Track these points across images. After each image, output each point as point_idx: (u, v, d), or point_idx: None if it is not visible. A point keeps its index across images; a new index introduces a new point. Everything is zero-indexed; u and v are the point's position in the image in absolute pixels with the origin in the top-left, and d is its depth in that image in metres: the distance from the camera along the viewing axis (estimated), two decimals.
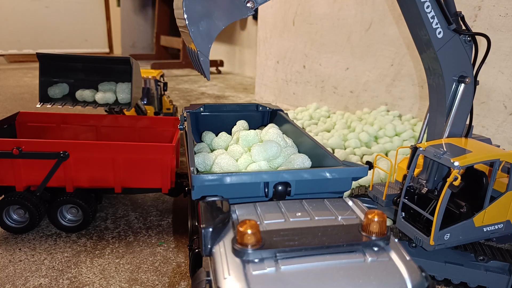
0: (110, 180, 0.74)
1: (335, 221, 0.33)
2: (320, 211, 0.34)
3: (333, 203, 0.36)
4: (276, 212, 0.34)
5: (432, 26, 0.63)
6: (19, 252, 0.70)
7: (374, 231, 0.30)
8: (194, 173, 0.38)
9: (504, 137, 1.12)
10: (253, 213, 0.34)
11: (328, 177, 0.40)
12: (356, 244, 0.29)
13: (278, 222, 0.32)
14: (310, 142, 0.62)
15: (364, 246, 0.29)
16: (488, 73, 1.12)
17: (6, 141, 0.70)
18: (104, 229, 0.78)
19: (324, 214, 0.34)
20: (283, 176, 0.39)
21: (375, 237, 0.30)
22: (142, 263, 0.68)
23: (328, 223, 0.33)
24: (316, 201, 0.36)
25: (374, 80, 1.49)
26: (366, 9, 1.46)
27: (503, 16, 1.08)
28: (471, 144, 0.65)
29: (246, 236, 0.28)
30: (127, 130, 0.92)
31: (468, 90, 0.69)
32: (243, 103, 0.82)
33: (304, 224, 0.32)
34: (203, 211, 0.32)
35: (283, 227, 0.31)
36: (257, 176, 0.39)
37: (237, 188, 0.39)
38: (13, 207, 0.74)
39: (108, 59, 0.85)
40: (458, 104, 0.68)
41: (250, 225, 0.28)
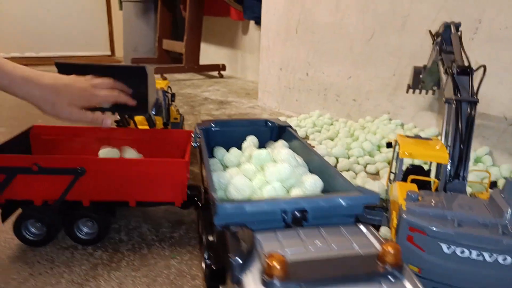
0: (125, 194, 0.77)
1: (353, 250, 0.36)
2: (337, 240, 0.37)
3: (349, 231, 0.39)
4: (296, 241, 0.37)
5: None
6: (38, 265, 0.72)
7: (390, 261, 0.33)
8: (217, 202, 0.40)
9: (505, 148, 1.15)
10: (275, 243, 0.36)
11: (342, 204, 0.43)
12: (374, 275, 0.32)
13: (299, 252, 0.35)
14: (319, 160, 0.64)
15: (382, 276, 0.32)
16: (489, 84, 1.14)
17: (25, 157, 0.72)
18: (118, 241, 0.81)
19: (342, 243, 0.37)
20: (301, 204, 0.42)
21: (391, 268, 0.32)
22: (158, 276, 0.70)
23: (346, 252, 0.35)
24: (332, 229, 0.39)
25: (376, 89, 1.52)
26: (368, 19, 1.49)
27: (503, 29, 1.11)
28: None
29: (274, 269, 0.30)
30: (139, 143, 0.95)
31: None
32: (252, 119, 0.85)
33: (324, 254, 0.35)
34: (231, 241, 0.35)
35: (305, 257, 0.34)
36: (277, 204, 0.41)
37: (258, 215, 0.42)
38: (31, 220, 0.76)
39: (124, 67, 0.87)
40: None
41: (278, 259, 0.30)
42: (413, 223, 0.53)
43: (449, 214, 0.54)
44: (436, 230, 0.51)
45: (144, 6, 3.53)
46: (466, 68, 0.81)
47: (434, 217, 0.53)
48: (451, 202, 0.57)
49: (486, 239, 0.50)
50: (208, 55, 3.27)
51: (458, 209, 0.55)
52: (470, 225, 0.52)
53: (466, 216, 0.54)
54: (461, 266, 0.52)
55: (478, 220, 0.53)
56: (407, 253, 0.53)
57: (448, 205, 0.56)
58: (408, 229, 0.53)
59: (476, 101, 0.76)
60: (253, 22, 2.81)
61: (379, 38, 1.47)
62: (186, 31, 2.87)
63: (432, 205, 0.56)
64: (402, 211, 0.55)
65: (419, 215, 0.53)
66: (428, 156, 0.69)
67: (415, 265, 0.53)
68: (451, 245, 0.51)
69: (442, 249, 0.52)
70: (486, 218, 0.53)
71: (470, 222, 0.53)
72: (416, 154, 0.68)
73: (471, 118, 0.75)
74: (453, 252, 0.51)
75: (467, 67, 0.81)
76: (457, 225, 0.52)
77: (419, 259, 0.53)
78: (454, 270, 0.52)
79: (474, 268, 0.52)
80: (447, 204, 0.56)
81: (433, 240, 0.52)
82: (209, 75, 3.17)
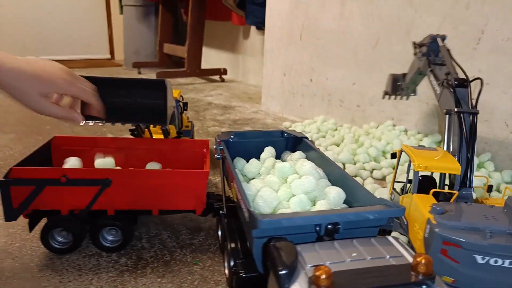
0: (148, 203, 0.80)
1: (386, 261, 0.39)
2: (371, 251, 0.41)
3: (380, 243, 0.42)
4: (334, 253, 0.40)
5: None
6: (66, 273, 0.75)
7: (422, 271, 0.36)
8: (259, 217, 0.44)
9: (507, 154, 1.19)
10: (315, 254, 0.40)
11: (370, 218, 0.46)
12: (410, 284, 0.35)
13: (339, 263, 0.38)
14: (339, 172, 0.68)
15: (416, 285, 0.35)
16: (492, 93, 1.19)
17: (54, 169, 0.75)
18: (141, 248, 0.84)
19: (375, 254, 0.40)
20: (333, 218, 0.45)
21: (423, 277, 0.36)
22: (183, 282, 0.73)
23: (381, 263, 0.39)
24: (365, 241, 0.42)
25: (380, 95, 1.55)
26: (372, 26, 1.53)
27: (505, 40, 1.15)
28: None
29: (321, 280, 0.34)
30: (156, 152, 0.98)
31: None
32: (269, 130, 0.88)
33: (361, 265, 0.38)
34: (277, 255, 0.38)
35: (345, 268, 0.37)
36: (312, 219, 0.45)
37: (294, 228, 0.45)
38: (57, 229, 0.79)
39: (144, 81, 0.90)
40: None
41: (325, 271, 0.34)
42: (448, 238, 0.56)
43: (480, 226, 0.57)
44: (472, 243, 0.55)
45: (144, 10, 3.55)
46: (464, 80, 0.84)
47: (466, 230, 0.57)
48: (475, 213, 0.61)
49: None
50: (209, 59, 3.29)
51: (484, 220, 0.59)
52: (500, 235, 0.56)
53: (494, 227, 0.57)
54: (494, 275, 0.56)
55: (506, 230, 0.57)
56: (440, 265, 0.57)
57: (473, 216, 0.60)
58: (441, 243, 0.57)
59: (477, 112, 0.80)
60: (255, 27, 2.85)
61: (384, 45, 1.50)
62: (188, 36, 2.90)
63: (460, 217, 0.59)
64: (434, 226, 0.58)
65: (451, 228, 0.57)
66: (443, 168, 0.73)
67: (449, 276, 0.57)
68: (485, 256, 0.55)
69: (476, 260, 0.56)
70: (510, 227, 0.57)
71: (499, 232, 0.57)
72: (431, 167, 0.72)
73: (473, 129, 0.79)
74: (487, 262, 0.55)
75: (465, 80, 0.85)
76: (489, 236, 0.55)
77: (453, 270, 0.57)
78: (487, 279, 0.56)
79: (506, 276, 0.56)
80: (473, 216, 0.60)
81: (468, 252, 0.55)
82: (210, 79, 3.19)
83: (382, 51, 1.51)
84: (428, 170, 0.73)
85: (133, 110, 0.91)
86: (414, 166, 0.74)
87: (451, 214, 0.61)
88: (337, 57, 1.69)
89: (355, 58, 1.62)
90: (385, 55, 1.50)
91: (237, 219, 0.75)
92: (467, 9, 1.23)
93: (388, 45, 1.48)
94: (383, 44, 1.50)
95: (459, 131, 0.79)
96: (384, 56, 1.51)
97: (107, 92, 0.90)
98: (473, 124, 0.79)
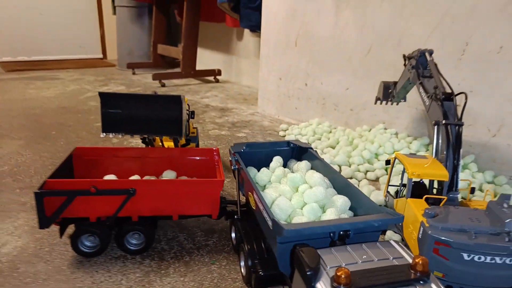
0: (169, 210, 0.88)
1: (390, 261, 0.48)
2: (377, 254, 0.50)
3: (384, 246, 0.52)
4: (348, 256, 0.49)
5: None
6: (97, 274, 0.83)
7: (420, 270, 0.45)
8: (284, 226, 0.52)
9: (489, 156, 1.30)
10: (333, 257, 0.49)
11: (375, 225, 0.56)
12: (410, 280, 0.44)
13: (355, 264, 0.47)
14: (342, 180, 0.77)
15: (415, 281, 0.45)
16: (475, 100, 1.29)
17: (84, 181, 0.82)
18: (161, 250, 0.92)
19: (381, 256, 0.49)
20: (345, 226, 0.54)
21: (421, 275, 0.45)
22: (204, 280, 0.82)
23: (386, 263, 0.48)
24: (372, 245, 0.52)
25: (372, 100, 1.65)
26: (365, 35, 1.62)
27: (487, 52, 1.26)
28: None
29: (341, 279, 0.43)
30: (169, 161, 1.05)
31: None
32: (277, 141, 0.97)
33: (370, 265, 0.47)
34: (303, 259, 0.47)
35: (358, 268, 0.46)
36: (327, 228, 0.54)
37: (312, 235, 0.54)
38: (86, 235, 0.87)
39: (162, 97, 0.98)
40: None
41: (344, 271, 0.43)
42: (439, 239, 0.66)
43: (466, 228, 0.67)
44: (460, 243, 0.65)
45: (137, 11, 3.58)
46: (450, 94, 0.95)
47: (454, 231, 0.67)
48: (461, 216, 0.71)
49: (498, 246, 0.64)
50: (203, 59, 3.35)
51: (469, 222, 0.69)
52: (483, 235, 0.66)
53: (478, 228, 0.67)
54: (477, 269, 0.66)
55: (488, 231, 0.67)
56: (432, 262, 0.67)
57: (460, 219, 0.69)
58: (434, 243, 0.66)
59: (462, 124, 0.90)
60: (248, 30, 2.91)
61: (376, 53, 1.60)
62: (183, 38, 2.95)
63: (449, 220, 0.69)
64: (427, 228, 0.68)
65: (442, 230, 0.67)
66: (433, 175, 0.83)
67: (440, 271, 0.67)
68: (471, 254, 0.65)
69: (463, 257, 0.66)
70: (492, 228, 0.67)
71: (482, 232, 0.67)
72: (423, 175, 0.82)
73: (459, 138, 0.89)
74: (472, 258, 0.65)
75: (451, 94, 0.95)
76: (474, 237, 0.65)
77: (443, 266, 0.67)
78: (472, 273, 0.66)
79: (487, 270, 0.66)
80: (460, 219, 0.70)
81: (456, 250, 0.65)
82: (205, 79, 3.26)
83: (375, 58, 1.61)
84: (421, 177, 0.83)
85: (151, 122, 0.99)
86: (408, 173, 0.83)
87: (441, 217, 0.71)
88: (332, 63, 1.78)
89: (349, 65, 1.71)
90: (377, 62, 1.60)
91: (250, 223, 0.83)
92: (453, 22, 1.33)
93: (380, 53, 1.58)
94: (375, 52, 1.60)
95: (446, 141, 0.89)
96: (377, 63, 1.60)
97: (127, 106, 0.98)
98: (459, 134, 0.89)
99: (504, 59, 1.22)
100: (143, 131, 1.01)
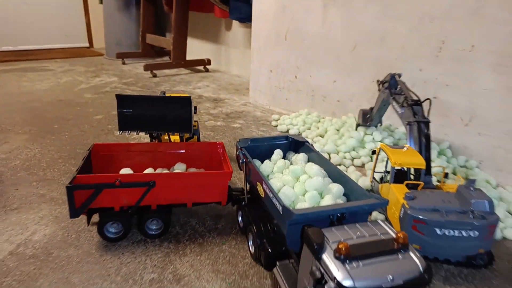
0: (184, 199, 0.99)
1: (378, 237, 0.62)
2: (369, 231, 0.63)
3: (374, 224, 0.65)
4: (346, 233, 0.62)
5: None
6: (123, 256, 0.94)
7: (401, 242, 0.59)
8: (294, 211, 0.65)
9: (461, 143, 1.46)
10: (334, 234, 0.62)
11: (366, 208, 0.69)
12: (395, 250, 0.58)
13: (352, 239, 0.60)
14: (335, 170, 0.90)
15: (398, 250, 0.58)
16: (450, 93, 1.44)
17: (110, 175, 0.93)
18: (176, 234, 1.04)
19: (373, 233, 0.63)
20: (342, 210, 0.67)
21: (402, 246, 0.59)
22: (217, 258, 0.94)
23: (375, 238, 0.61)
24: (364, 224, 0.65)
25: (358, 93, 1.79)
26: (351, 33, 1.74)
27: (461, 50, 1.40)
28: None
29: (343, 250, 0.56)
30: (179, 154, 1.16)
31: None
32: (277, 136, 1.09)
33: (363, 240, 0.61)
34: (312, 236, 0.60)
35: (356, 242, 0.59)
36: (328, 211, 0.67)
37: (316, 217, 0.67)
38: (110, 222, 0.98)
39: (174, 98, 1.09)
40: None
41: (344, 245, 0.56)
42: (416, 217, 0.80)
43: (439, 208, 0.82)
44: (433, 220, 0.79)
45: (125, 1, 3.59)
46: (417, 101, 1.16)
47: (429, 211, 0.81)
48: (435, 198, 0.85)
49: (464, 222, 0.79)
50: (192, 49, 3.41)
51: (442, 203, 0.83)
52: (452, 214, 0.81)
53: (448, 208, 0.82)
54: (447, 241, 0.81)
55: (456, 210, 0.82)
56: (411, 236, 0.81)
57: (434, 201, 0.84)
58: (412, 221, 0.81)
59: (429, 121, 1.09)
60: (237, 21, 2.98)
61: (361, 50, 1.72)
62: (173, 29, 3.01)
63: (425, 202, 0.83)
64: (406, 209, 0.82)
65: (419, 210, 0.81)
66: (412, 164, 0.97)
67: (417, 244, 0.82)
68: (442, 229, 0.80)
69: (436, 232, 0.80)
70: (460, 207, 0.82)
71: (451, 211, 0.81)
72: (404, 163, 0.96)
73: (428, 133, 1.06)
74: (443, 233, 0.80)
75: (418, 100, 1.16)
76: (445, 215, 0.80)
77: (420, 240, 0.82)
78: (443, 245, 0.81)
79: (455, 242, 0.81)
80: (434, 201, 0.84)
81: (430, 227, 0.80)
82: (195, 69, 3.33)
83: (360, 54, 1.73)
84: (402, 166, 0.97)
85: (164, 121, 1.10)
86: (391, 163, 0.97)
87: (419, 200, 0.85)
88: (320, 58, 1.90)
89: (335, 60, 1.83)
90: (362, 58, 1.73)
91: (256, 208, 0.96)
92: (431, 22, 1.46)
93: (365, 50, 1.70)
94: (360, 49, 1.72)
95: (418, 135, 1.04)
96: (361, 59, 1.73)
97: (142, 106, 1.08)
98: (427, 130, 1.06)
99: (475, 57, 1.36)
100: (156, 128, 1.12)
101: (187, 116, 1.09)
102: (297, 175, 0.88)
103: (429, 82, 1.50)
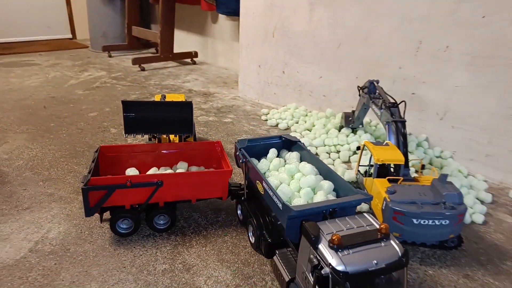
0: (189, 195, 1.09)
1: (364, 228, 0.73)
2: (356, 223, 0.74)
3: (360, 217, 0.76)
4: (337, 225, 0.73)
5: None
6: (135, 249, 1.04)
7: (384, 232, 0.71)
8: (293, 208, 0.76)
9: (437, 135, 1.60)
10: (328, 227, 0.73)
11: (354, 204, 0.80)
12: (378, 239, 0.70)
13: (343, 231, 0.72)
14: (325, 167, 1.01)
15: (381, 239, 0.70)
16: (427, 89, 1.57)
17: (122, 177, 1.01)
18: (181, 227, 1.14)
19: (360, 225, 0.74)
20: (333, 206, 0.78)
21: (384, 236, 0.70)
22: (221, 248, 1.05)
23: (362, 229, 0.73)
24: (352, 217, 0.76)
25: (343, 88, 1.90)
26: (337, 31, 1.84)
27: (436, 50, 1.52)
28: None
29: (335, 241, 0.67)
30: (180, 153, 1.25)
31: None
32: (271, 136, 1.19)
33: (352, 231, 0.72)
34: (309, 228, 0.70)
35: (346, 233, 0.71)
36: (322, 207, 0.78)
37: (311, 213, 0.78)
38: (122, 219, 1.07)
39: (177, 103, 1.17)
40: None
41: (336, 236, 0.67)
42: (396, 209, 0.92)
43: (415, 200, 0.94)
44: (411, 212, 0.91)
45: None
46: (394, 103, 1.29)
47: (407, 203, 0.94)
48: (413, 192, 0.97)
49: (437, 213, 0.92)
50: (178, 41, 3.44)
51: (418, 196, 0.95)
52: (428, 205, 0.93)
53: (424, 200, 0.94)
54: (423, 230, 0.93)
55: (431, 202, 0.94)
56: (392, 226, 0.94)
57: (412, 194, 0.96)
58: (393, 213, 0.93)
59: (405, 121, 1.22)
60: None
61: (346, 48, 1.83)
62: (160, 22, 3.03)
63: (404, 195, 0.96)
64: (388, 202, 0.94)
65: (399, 203, 0.94)
66: (393, 160, 1.09)
67: (397, 232, 0.94)
68: (418, 219, 0.92)
69: (413, 222, 0.92)
70: (434, 199, 0.94)
71: (426, 203, 0.94)
72: (385, 160, 1.07)
73: (405, 131, 1.19)
74: (419, 222, 0.92)
75: (395, 103, 1.29)
76: (421, 207, 0.92)
77: (400, 228, 0.94)
78: (419, 233, 0.94)
79: (429, 230, 0.94)
80: (411, 194, 0.96)
81: (408, 217, 0.92)
82: (182, 62, 3.37)
83: (345, 52, 1.83)
84: (384, 162, 1.09)
85: (166, 123, 1.19)
86: (375, 159, 1.09)
87: (398, 193, 0.97)
88: (307, 54, 1.99)
89: (322, 57, 1.93)
90: (347, 56, 1.83)
91: (255, 203, 1.06)
92: (410, 24, 1.57)
93: (350, 48, 1.81)
94: (345, 47, 1.83)
95: (396, 133, 1.17)
96: (346, 56, 1.83)
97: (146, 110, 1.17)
98: (404, 128, 1.19)
99: (449, 57, 1.48)
100: (160, 131, 1.20)
101: (189, 119, 1.18)
102: (292, 173, 0.99)
103: (408, 79, 1.62)
